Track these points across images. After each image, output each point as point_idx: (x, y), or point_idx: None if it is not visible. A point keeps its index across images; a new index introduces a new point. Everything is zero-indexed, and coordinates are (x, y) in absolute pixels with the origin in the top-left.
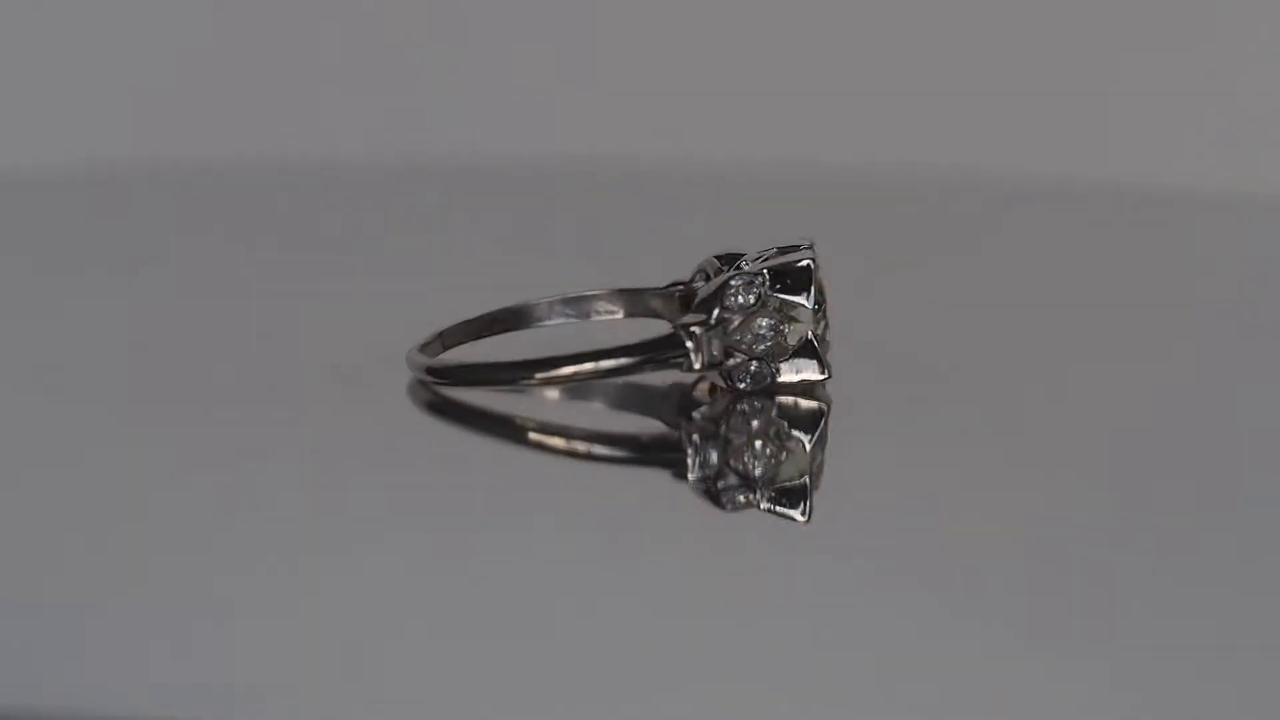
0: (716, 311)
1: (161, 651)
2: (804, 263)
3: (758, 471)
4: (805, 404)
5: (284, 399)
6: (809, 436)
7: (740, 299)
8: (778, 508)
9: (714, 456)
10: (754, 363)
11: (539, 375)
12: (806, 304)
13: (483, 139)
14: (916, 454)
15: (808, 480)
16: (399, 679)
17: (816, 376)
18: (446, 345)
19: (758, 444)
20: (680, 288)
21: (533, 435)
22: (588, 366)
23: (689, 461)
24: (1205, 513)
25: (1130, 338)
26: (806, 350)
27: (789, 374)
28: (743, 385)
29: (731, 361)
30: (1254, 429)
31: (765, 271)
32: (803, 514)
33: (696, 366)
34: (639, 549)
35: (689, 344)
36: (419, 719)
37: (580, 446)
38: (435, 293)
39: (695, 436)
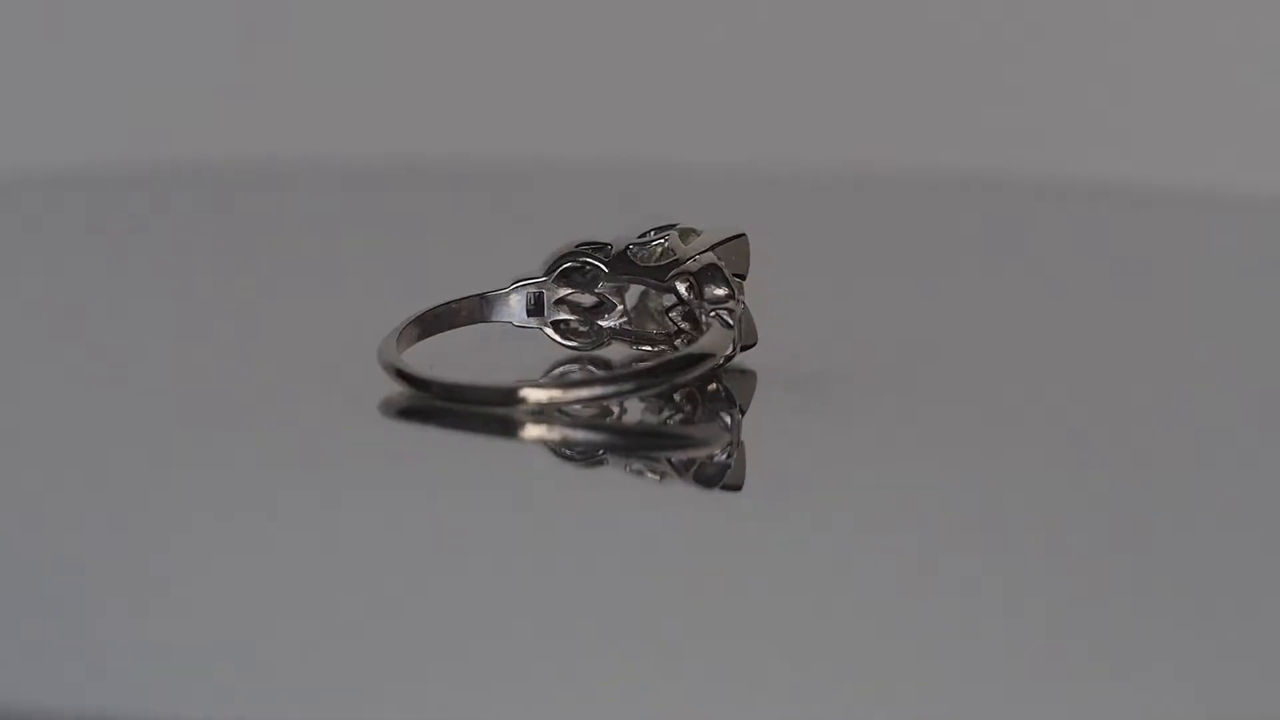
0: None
1: (144, 650)
2: (740, 235)
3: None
4: (742, 376)
5: (276, 398)
6: (741, 409)
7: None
8: (713, 484)
9: (740, 434)
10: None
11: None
12: (744, 276)
13: (478, 138)
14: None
15: (733, 453)
16: (392, 676)
17: (751, 343)
18: (424, 333)
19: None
20: (532, 284)
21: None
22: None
23: (724, 443)
24: (1200, 512)
25: (1129, 337)
26: (745, 321)
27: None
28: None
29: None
30: (1254, 428)
31: (714, 251)
32: (733, 488)
33: (729, 352)
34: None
35: (732, 329)
36: (415, 716)
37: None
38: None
39: (729, 418)
